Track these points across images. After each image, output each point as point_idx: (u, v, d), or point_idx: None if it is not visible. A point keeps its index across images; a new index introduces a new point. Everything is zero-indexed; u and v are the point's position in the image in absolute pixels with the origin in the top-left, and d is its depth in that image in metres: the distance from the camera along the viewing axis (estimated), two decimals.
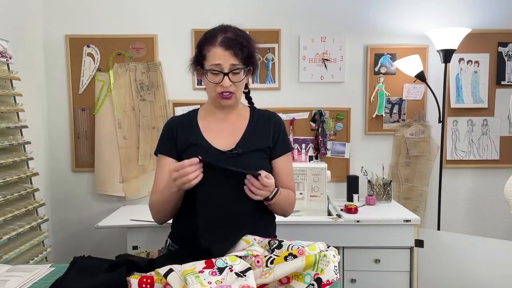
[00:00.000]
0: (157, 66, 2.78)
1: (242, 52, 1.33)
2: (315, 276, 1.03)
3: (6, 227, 2.04)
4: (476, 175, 2.89)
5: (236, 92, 1.38)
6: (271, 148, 1.46)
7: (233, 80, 1.34)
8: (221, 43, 1.32)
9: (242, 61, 1.33)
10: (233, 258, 1.06)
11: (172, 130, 1.46)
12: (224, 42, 1.32)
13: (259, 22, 2.78)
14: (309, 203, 2.44)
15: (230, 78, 1.33)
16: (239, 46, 1.32)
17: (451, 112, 2.84)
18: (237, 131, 1.44)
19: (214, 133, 1.43)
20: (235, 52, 1.31)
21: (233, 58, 1.31)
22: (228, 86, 1.34)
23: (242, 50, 1.33)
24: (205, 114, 1.48)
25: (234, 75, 1.34)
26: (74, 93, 2.79)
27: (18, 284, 1.19)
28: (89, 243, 2.81)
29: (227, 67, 1.32)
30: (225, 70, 1.32)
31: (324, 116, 2.81)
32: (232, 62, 1.32)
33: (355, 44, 2.81)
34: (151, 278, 1.03)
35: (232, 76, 1.33)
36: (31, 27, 2.65)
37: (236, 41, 1.32)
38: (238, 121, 1.45)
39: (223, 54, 1.31)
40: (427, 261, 2.34)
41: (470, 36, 2.62)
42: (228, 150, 1.39)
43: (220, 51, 1.31)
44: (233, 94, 1.37)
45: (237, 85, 1.36)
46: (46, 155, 2.79)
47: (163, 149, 1.47)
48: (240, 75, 1.34)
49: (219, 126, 1.44)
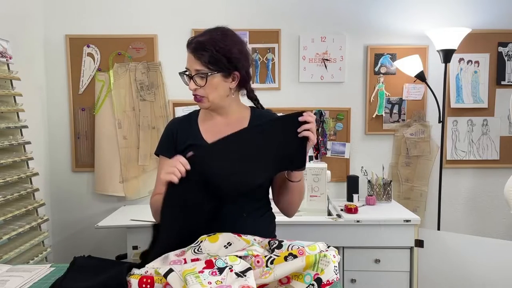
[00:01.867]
0: (157, 66, 2.78)
1: (204, 56, 1.33)
2: (315, 276, 1.03)
3: (6, 227, 2.04)
4: (476, 175, 2.89)
5: (208, 96, 1.37)
6: None
7: (199, 83, 1.35)
8: (188, 46, 1.36)
9: (205, 65, 1.33)
10: (233, 258, 1.06)
11: (173, 132, 1.47)
12: (191, 46, 1.35)
13: (259, 22, 2.78)
14: (309, 203, 2.44)
15: (196, 82, 1.35)
16: (203, 49, 1.33)
17: (451, 112, 2.84)
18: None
19: (213, 134, 1.43)
20: (197, 56, 1.33)
21: (196, 62, 1.34)
22: (194, 90, 1.36)
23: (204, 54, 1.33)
24: (205, 115, 1.48)
25: (200, 79, 1.35)
26: (74, 93, 2.79)
27: (18, 284, 1.19)
28: (89, 243, 2.81)
29: (192, 71, 1.35)
30: (191, 73, 1.36)
31: (324, 116, 2.81)
32: (196, 67, 1.34)
33: (355, 44, 2.81)
34: (151, 278, 1.03)
35: (199, 80, 1.35)
36: (31, 27, 2.65)
37: (202, 45, 1.33)
38: (238, 122, 1.45)
39: (189, 57, 1.36)
40: (427, 261, 2.34)
41: (470, 36, 2.62)
42: None
43: (189, 55, 1.36)
44: (204, 98, 1.37)
45: (206, 89, 1.36)
46: (46, 155, 2.80)
47: (163, 150, 1.48)
48: (204, 80, 1.35)
49: (218, 127, 1.43)
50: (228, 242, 1.20)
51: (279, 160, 1.32)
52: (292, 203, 1.47)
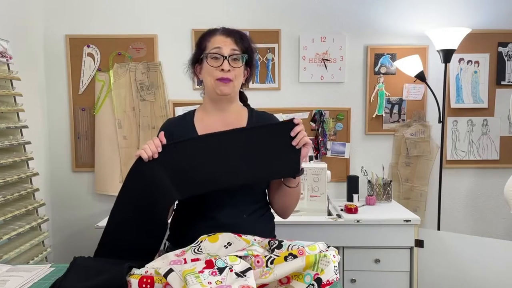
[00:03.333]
0: (157, 66, 2.78)
1: (242, 41, 1.38)
2: (315, 276, 1.03)
3: (6, 227, 2.04)
4: (476, 175, 2.89)
5: (235, 81, 1.38)
6: None
7: (233, 65, 1.36)
8: (222, 32, 1.39)
9: (242, 49, 1.38)
10: (233, 258, 1.06)
11: (168, 131, 1.46)
12: (225, 30, 1.40)
13: (259, 22, 2.78)
14: (309, 203, 2.44)
15: (230, 63, 1.36)
16: (240, 35, 1.39)
17: (451, 112, 2.84)
18: None
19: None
20: (235, 39, 1.37)
21: (233, 44, 1.37)
22: (227, 71, 1.35)
23: (243, 40, 1.39)
24: (202, 115, 1.47)
25: (233, 61, 1.37)
26: (74, 93, 2.79)
27: (18, 284, 1.19)
28: (89, 243, 2.78)
29: (227, 51, 1.35)
30: (225, 54, 1.35)
31: (324, 116, 2.81)
32: (233, 47, 1.36)
33: (355, 44, 2.81)
34: (151, 278, 1.03)
35: (232, 62, 1.36)
36: (31, 27, 2.65)
37: (237, 32, 1.40)
38: (236, 121, 1.44)
39: (224, 40, 1.37)
40: (427, 261, 2.34)
41: (470, 36, 2.62)
42: None
43: (221, 37, 1.37)
44: (231, 82, 1.37)
45: (236, 73, 1.38)
46: (46, 155, 2.80)
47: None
48: (239, 62, 1.37)
49: (216, 127, 1.41)
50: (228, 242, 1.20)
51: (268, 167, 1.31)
52: (288, 207, 1.48)
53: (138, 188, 1.27)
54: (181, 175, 1.27)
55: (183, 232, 1.41)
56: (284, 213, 1.50)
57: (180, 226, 1.45)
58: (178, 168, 1.27)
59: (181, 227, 1.43)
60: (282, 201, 1.46)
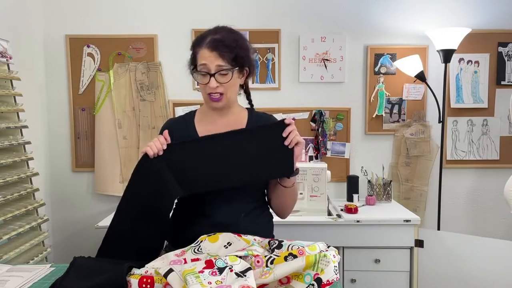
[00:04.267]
0: (157, 66, 2.78)
1: (229, 53, 1.32)
2: (315, 276, 1.03)
3: (6, 227, 2.04)
4: (476, 175, 2.89)
5: (226, 93, 1.36)
6: None
7: (221, 81, 1.33)
8: (207, 44, 1.32)
9: (229, 62, 1.33)
10: (233, 258, 1.06)
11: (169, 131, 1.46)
12: (211, 43, 1.32)
13: (259, 22, 2.78)
14: (309, 203, 2.43)
15: (217, 79, 1.33)
16: (226, 47, 1.32)
17: (451, 112, 2.84)
18: None
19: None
20: (221, 53, 1.31)
21: (219, 59, 1.31)
22: (215, 87, 1.34)
23: (229, 52, 1.32)
24: (202, 116, 1.47)
25: (221, 76, 1.33)
26: (74, 93, 2.79)
27: (18, 284, 1.19)
28: (89, 243, 2.80)
29: (213, 68, 1.32)
30: (211, 71, 1.32)
31: (324, 116, 2.81)
32: (218, 63, 1.32)
33: (355, 44, 2.81)
34: (151, 278, 1.03)
35: (220, 77, 1.33)
36: (31, 27, 2.65)
37: (223, 43, 1.32)
38: (236, 123, 1.44)
39: (209, 55, 1.32)
40: (427, 261, 2.34)
41: (470, 36, 2.62)
42: None
43: (206, 52, 1.32)
44: (222, 96, 1.36)
45: (226, 86, 1.35)
46: (46, 155, 2.80)
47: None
48: (228, 76, 1.34)
49: (216, 128, 1.42)
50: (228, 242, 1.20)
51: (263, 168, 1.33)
52: (285, 207, 1.49)
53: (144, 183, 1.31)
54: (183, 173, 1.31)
55: (181, 230, 1.42)
56: (282, 213, 1.51)
57: (178, 224, 1.45)
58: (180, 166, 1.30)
59: (179, 226, 1.44)
60: (279, 201, 1.47)
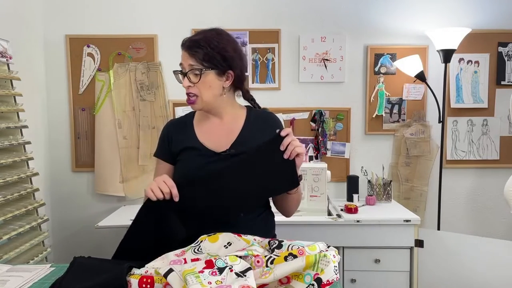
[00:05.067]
0: (157, 66, 2.78)
1: (199, 53, 1.34)
2: (315, 276, 1.03)
3: (6, 227, 2.04)
4: (476, 175, 2.89)
5: (201, 95, 1.37)
6: None
7: (192, 81, 1.35)
8: (184, 45, 1.38)
9: (199, 62, 1.34)
10: (233, 258, 1.06)
11: (168, 134, 1.48)
12: (186, 43, 1.37)
13: (259, 22, 2.78)
14: (309, 203, 2.44)
15: (190, 78, 1.35)
16: (197, 47, 1.34)
17: (451, 112, 2.84)
18: (232, 131, 1.44)
19: (208, 135, 1.43)
20: (191, 52, 1.34)
21: (191, 58, 1.34)
22: (187, 87, 1.36)
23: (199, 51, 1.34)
24: (200, 116, 1.48)
25: (193, 76, 1.35)
26: (74, 93, 2.79)
27: (18, 284, 1.19)
28: (89, 243, 2.81)
29: (186, 67, 1.36)
30: (184, 70, 1.36)
31: (324, 116, 2.81)
32: (190, 63, 1.34)
33: (355, 44, 2.81)
34: (151, 278, 1.03)
35: (192, 77, 1.35)
36: (31, 27, 2.65)
37: (196, 43, 1.35)
38: (234, 121, 1.45)
39: (184, 54, 1.37)
40: (427, 261, 2.34)
41: (470, 36, 2.62)
42: (221, 151, 1.39)
43: (183, 52, 1.37)
44: (197, 98, 1.37)
45: (199, 87, 1.36)
46: (46, 155, 2.79)
47: (159, 152, 1.50)
48: (198, 76, 1.35)
49: (214, 127, 1.43)
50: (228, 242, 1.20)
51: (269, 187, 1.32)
52: (289, 210, 1.50)
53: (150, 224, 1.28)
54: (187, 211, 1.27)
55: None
56: (287, 213, 1.52)
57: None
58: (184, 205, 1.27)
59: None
60: (283, 205, 1.49)
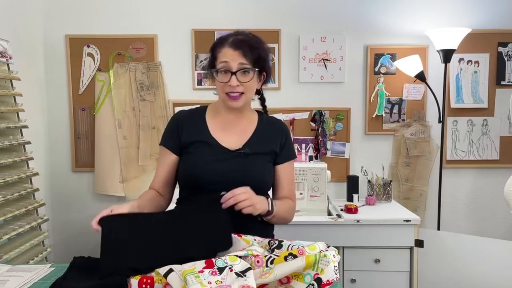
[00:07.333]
0: (157, 66, 2.78)
1: (251, 53, 1.33)
2: (315, 276, 1.03)
3: (6, 227, 2.04)
4: (476, 175, 2.89)
5: (246, 93, 1.37)
6: (277, 153, 1.47)
7: (242, 80, 1.33)
8: (230, 43, 1.34)
9: (251, 62, 1.33)
10: (233, 258, 1.06)
11: (178, 125, 1.45)
12: (234, 42, 1.34)
13: (259, 22, 2.78)
14: (309, 203, 2.44)
15: (238, 78, 1.33)
16: (249, 47, 1.33)
17: (451, 112, 2.84)
18: (245, 133, 1.45)
19: (222, 132, 1.44)
20: (244, 52, 1.32)
21: (241, 57, 1.32)
22: (235, 86, 1.33)
23: (252, 51, 1.33)
24: (215, 113, 1.47)
25: (243, 75, 1.33)
26: (74, 93, 2.79)
27: (18, 284, 1.19)
28: (89, 243, 2.81)
29: (235, 66, 1.32)
30: (233, 69, 1.32)
31: (324, 116, 2.81)
32: (241, 61, 1.32)
33: (355, 44, 2.81)
34: (151, 278, 1.03)
35: (241, 76, 1.33)
36: (31, 27, 2.65)
37: (246, 42, 1.34)
38: (247, 124, 1.47)
39: (232, 53, 1.32)
40: (427, 261, 2.34)
41: (470, 36, 2.62)
42: (235, 149, 1.40)
43: (229, 50, 1.33)
44: (242, 95, 1.36)
45: (246, 86, 1.35)
46: (46, 155, 2.80)
47: (167, 142, 1.47)
48: (249, 75, 1.34)
49: (228, 126, 1.44)
50: None
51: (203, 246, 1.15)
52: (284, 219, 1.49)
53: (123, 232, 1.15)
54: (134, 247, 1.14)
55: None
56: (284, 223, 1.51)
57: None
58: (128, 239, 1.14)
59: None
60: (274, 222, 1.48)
